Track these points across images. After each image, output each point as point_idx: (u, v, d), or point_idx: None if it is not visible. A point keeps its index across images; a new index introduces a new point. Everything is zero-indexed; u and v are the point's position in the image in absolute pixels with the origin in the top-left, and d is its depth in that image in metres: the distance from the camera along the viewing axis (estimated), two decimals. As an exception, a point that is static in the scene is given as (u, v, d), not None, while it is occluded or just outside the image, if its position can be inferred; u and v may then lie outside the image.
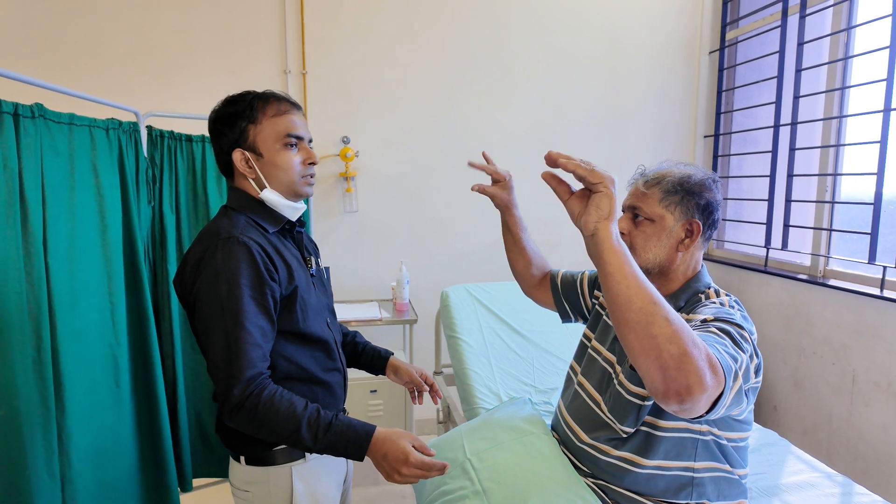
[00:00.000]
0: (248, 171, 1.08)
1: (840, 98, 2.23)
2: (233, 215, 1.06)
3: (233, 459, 1.13)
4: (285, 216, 1.11)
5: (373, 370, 1.37)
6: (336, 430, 0.96)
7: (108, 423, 1.44)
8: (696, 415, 0.78)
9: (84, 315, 1.39)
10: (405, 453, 0.95)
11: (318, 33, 2.59)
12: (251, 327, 0.96)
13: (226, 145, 1.08)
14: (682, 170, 1.13)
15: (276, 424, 0.94)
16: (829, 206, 2.27)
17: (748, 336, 0.92)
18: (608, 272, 0.78)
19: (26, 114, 1.22)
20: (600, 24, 2.83)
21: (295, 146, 1.09)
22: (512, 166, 2.78)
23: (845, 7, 2.20)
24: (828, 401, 2.20)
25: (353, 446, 0.96)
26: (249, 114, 1.07)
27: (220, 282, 0.96)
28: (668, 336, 0.73)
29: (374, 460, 0.97)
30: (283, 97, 1.12)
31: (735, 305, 1.04)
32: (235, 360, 0.94)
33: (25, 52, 2.36)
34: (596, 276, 1.40)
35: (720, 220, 1.13)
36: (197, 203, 1.80)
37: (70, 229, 1.36)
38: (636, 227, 1.12)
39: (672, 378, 0.72)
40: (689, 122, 3.00)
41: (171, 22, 2.47)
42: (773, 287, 2.47)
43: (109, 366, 1.46)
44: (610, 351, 1.19)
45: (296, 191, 1.11)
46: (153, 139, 1.74)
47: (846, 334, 2.11)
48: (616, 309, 0.77)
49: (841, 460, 2.14)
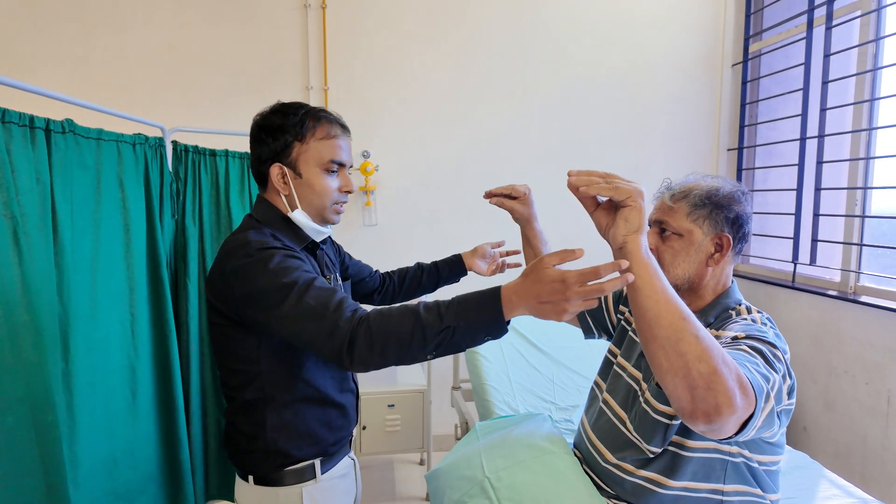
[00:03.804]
0: (282, 187, 1.05)
1: (869, 110, 2.18)
2: (260, 228, 1.04)
3: (239, 478, 1.10)
4: (310, 237, 1.10)
5: (458, 274, 1.43)
6: (456, 301, 0.84)
7: (122, 434, 1.44)
8: (725, 436, 0.75)
9: (105, 326, 1.40)
10: (560, 278, 0.75)
11: (340, 50, 2.63)
12: (317, 281, 0.92)
13: (265, 155, 1.05)
14: (709, 182, 1.10)
15: (394, 327, 0.83)
16: (858, 220, 2.21)
17: (781, 355, 0.89)
18: (637, 286, 0.76)
19: (57, 129, 1.25)
20: (622, 38, 2.83)
21: (335, 172, 1.08)
22: (534, 182, 2.77)
23: (873, 18, 2.16)
24: (861, 422, 2.12)
25: (487, 302, 0.81)
26: (298, 130, 1.03)
27: (275, 276, 0.92)
28: (698, 354, 0.70)
29: (526, 307, 0.79)
30: (335, 119, 1.08)
31: (767, 322, 1.01)
32: (332, 312, 0.87)
33: (56, 70, 2.44)
34: (621, 290, 1.38)
35: (751, 233, 1.10)
36: (220, 216, 1.82)
37: (94, 242, 1.38)
38: (664, 242, 1.09)
39: (700, 397, 0.70)
40: (713, 135, 2.96)
41: (197, 41, 2.53)
42: (801, 303, 2.40)
43: (127, 377, 1.47)
44: (636, 367, 1.16)
45: (325, 216, 1.09)
46: (178, 154, 1.77)
47: (879, 353, 2.03)
48: (644, 324, 0.75)
49: (876, 485, 2.05)
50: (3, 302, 1.04)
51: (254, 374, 1.04)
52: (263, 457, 1.06)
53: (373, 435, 2.36)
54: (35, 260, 1.12)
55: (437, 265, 1.45)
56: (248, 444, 1.07)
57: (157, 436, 1.57)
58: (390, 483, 2.56)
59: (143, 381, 1.51)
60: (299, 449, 1.07)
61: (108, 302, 1.42)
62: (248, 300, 0.95)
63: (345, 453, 1.19)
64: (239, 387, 1.06)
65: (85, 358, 1.32)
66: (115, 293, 1.45)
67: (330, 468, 1.13)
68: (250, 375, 1.04)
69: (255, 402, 1.05)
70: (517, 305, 0.80)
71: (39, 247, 1.14)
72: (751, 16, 2.83)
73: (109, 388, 1.41)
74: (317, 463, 1.09)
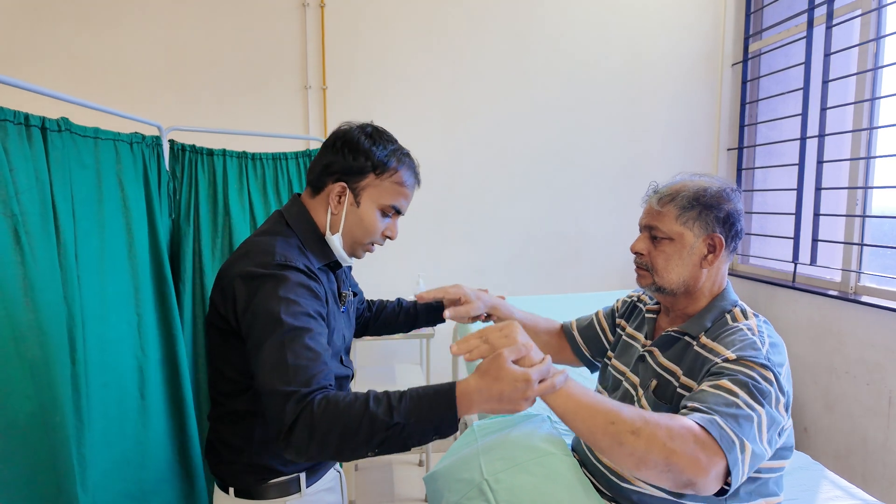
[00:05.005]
0: (335, 206, 1.02)
1: (870, 109, 2.17)
2: (290, 237, 1.00)
3: (218, 489, 1.07)
4: (334, 258, 1.07)
5: (434, 320, 1.38)
6: (409, 395, 0.79)
7: (133, 435, 1.44)
8: (715, 491, 0.80)
9: (115, 327, 1.40)
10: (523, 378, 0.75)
11: (339, 49, 2.62)
12: (312, 342, 0.87)
13: (335, 168, 1.02)
14: (697, 182, 1.07)
15: (341, 418, 0.77)
16: (859, 220, 2.20)
17: (773, 376, 0.89)
18: (560, 413, 0.80)
19: (53, 127, 1.24)
20: (621, 38, 2.82)
21: (388, 217, 1.07)
22: (533, 181, 2.78)
23: (873, 17, 2.15)
24: (862, 423, 2.11)
25: (441, 399, 0.77)
26: (381, 164, 1.01)
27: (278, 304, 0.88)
28: (644, 448, 0.76)
29: (485, 406, 0.77)
30: (416, 171, 1.09)
31: (764, 329, 0.99)
32: (295, 376, 0.82)
33: (52, 68, 2.43)
34: (611, 308, 1.36)
35: (743, 231, 1.09)
36: (216, 215, 1.81)
37: (100, 242, 1.38)
38: (655, 247, 1.07)
39: (671, 479, 0.76)
40: (713, 135, 2.95)
41: (194, 39, 2.52)
42: (801, 304, 2.39)
43: (136, 378, 1.47)
44: (633, 373, 1.15)
45: (356, 251, 1.08)
46: (175, 153, 1.76)
47: (881, 353, 2.02)
48: (587, 440, 0.80)
49: (877, 486, 2.04)
50: (6, 300, 1.02)
51: (245, 386, 1.00)
52: (247, 470, 1.03)
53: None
54: (38, 258, 1.11)
55: (416, 308, 1.38)
56: (232, 455, 1.04)
57: (169, 436, 1.56)
58: (389, 485, 2.55)
59: (152, 382, 1.51)
60: (284, 464, 1.04)
61: (115, 302, 1.41)
62: (245, 310, 0.91)
63: (331, 465, 1.17)
64: (229, 394, 1.03)
65: (96, 358, 1.31)
66: (121, 294, 1.44)
67: (315, 481, 1.10)
68: (241, 386, 1.00)
69: (243, 413, 1.02)
70: (475, 404, 0.77)
71: (41, 245, 1.13)
72: (751, 15, 2.82)
73: (121, 388, 1.40)
74: (302, 476, 1.06)
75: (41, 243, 1.13)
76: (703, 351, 1.00)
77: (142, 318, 1.50)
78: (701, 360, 0.98)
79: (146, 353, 1.50)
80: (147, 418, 1.48)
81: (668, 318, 1.15)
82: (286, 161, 1.93)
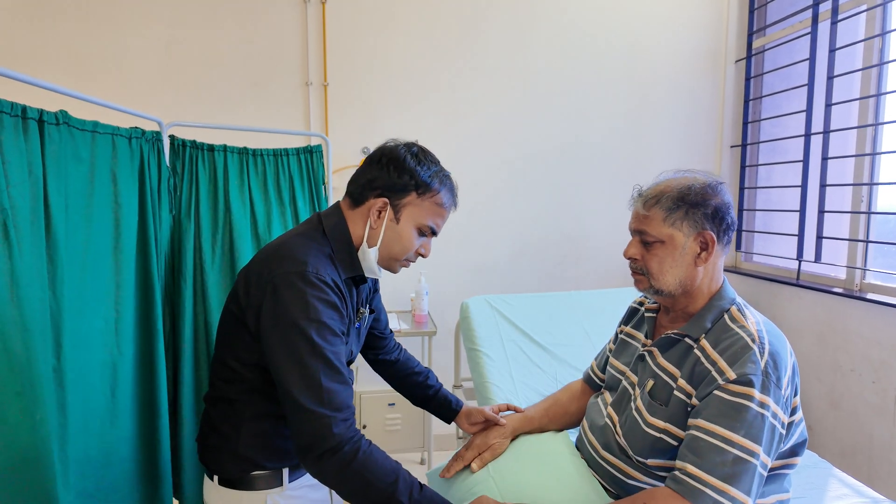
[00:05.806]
0: (374, 220, 1.04)
1: (875, 105, 2.15)
2: (324, 245, 1.02)
3: (206, 476, 1.09)
4: (362, 272, 1.08)
5: (443, 418, 1.36)
6: (429, 495, 0.93)
7: (97, 433, 1.40)
8: None
9: (90, 322, 1.37)
10: None
11: (340, 46, 2.60)
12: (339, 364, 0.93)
13: (378, 183, 1.04)
14: (679, 180, 1.05)
15: (370, 475, 0.89)
16: (864, 216, 2.18)
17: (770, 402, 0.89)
18: None
19: (51, 120, 1.22)
20: (624, 36, 2.80)
21: (425, 235, 1.09)
22: (535, 181, 2.77)
23: (878, 12, 2.13)
24: (868, 421, 2.10)
25: None
26: (423, 184, 1.04)
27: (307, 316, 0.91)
28: None
29: None
30: (455, 193, 1.11)
31: (764, 333, 0.97)
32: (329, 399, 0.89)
33: (53, 64, 2.41)
34: (617, 334, 1.33)
35: (735, 221, 1.06)
36: (217, 211, 1.79)
37: (86, 237, 1.35)
38: (647, 251, 1.05)
39: None
40: (716, 132, 2.93)
41: (196, 35, 2.50)
42: (806, 301, 2.38)
43: (108, 375, 1.43)
44: (633, 372, 1.14)
45: (391, 266, 1.09)
46: (175, 148, 1.74)
47: (886, 351, 2.01)
48: None
49: (883, 484, 2.03)
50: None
51: (242, 377, 1.02)
52: (231, 459, 1.04)
53: (373, 434, 2.33)
54: (24, 254, 1.09)
55: (436, 397, 1.37)
56: (219, 441, 1.05)
57: (137, 436, 1.53)
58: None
59: (123, 380, 1.46)
60: (268, 458, 1.05)
61: (94, 298, 1.39)
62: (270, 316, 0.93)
63: None
64: (225, 380, 1.05)
65: (71, 354, 1.29)
66: (101, 290, 1.41)
67: (298, 477, 1.10)
68: (238, 376, 1.03)
69: (233, 401, 1.04)
70: None
71: (29, 240, 1.11)
72: (754, 11, 2.80)
73: (89, 385, 1.37)
74: (285, 472, 1.07)
75: (28, 238, 1.11)
76: (704, 359, 0.98)
77: (120, 314, 1.46)
78: (701, 370, 0.97)
79: (122, 350, 1.46)
80: (116, 417, 1.44)
81: (668, 317, 1.14)
82: (287, 157, 1.91)
